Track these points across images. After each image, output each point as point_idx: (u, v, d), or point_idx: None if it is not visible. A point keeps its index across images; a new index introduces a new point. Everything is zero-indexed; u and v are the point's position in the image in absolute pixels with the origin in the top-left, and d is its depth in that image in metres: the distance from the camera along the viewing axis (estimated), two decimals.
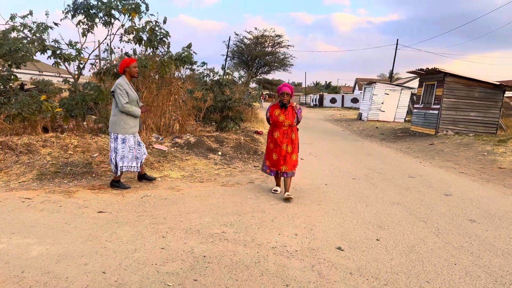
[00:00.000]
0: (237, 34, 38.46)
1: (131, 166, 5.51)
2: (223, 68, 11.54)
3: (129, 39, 7.66)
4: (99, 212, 4.47)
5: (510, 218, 4.97)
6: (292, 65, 39.01)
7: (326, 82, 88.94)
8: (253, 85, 46.79)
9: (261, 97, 42.74)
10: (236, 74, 13.92)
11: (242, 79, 16.26)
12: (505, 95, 14.08)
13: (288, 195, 5.30)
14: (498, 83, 13.68)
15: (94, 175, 6.02)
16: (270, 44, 38.68)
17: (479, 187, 6.77)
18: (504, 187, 6.83)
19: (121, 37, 7.69)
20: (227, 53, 38.96)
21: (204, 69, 12.11)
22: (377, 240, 4.00)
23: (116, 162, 5.36)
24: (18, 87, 14.79)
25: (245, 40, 38.36)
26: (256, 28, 53.33)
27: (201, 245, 3.63)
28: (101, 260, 3.22)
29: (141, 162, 5.67)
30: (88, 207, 4.61)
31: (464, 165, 9.08)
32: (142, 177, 5.94)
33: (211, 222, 4.28)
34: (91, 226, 4.01)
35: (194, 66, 12.83)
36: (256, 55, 37.55)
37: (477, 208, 5.38)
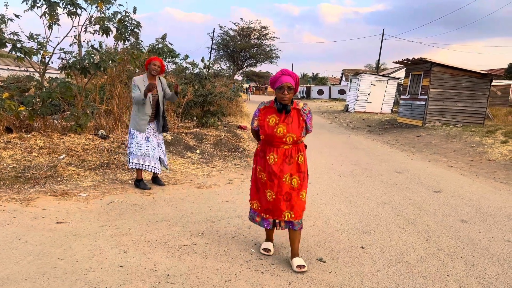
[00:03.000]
0: (221, 27, 37.77)
1: (147, 166, 5.30)
2: (202, 60, 11.06)
3: (94, 30, 7.14)
4: (57, 222, 4.03)
5: (503, 216, 4.67)
6: (279, 57, 38.48)
7: (313, 73, 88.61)
8: (240, 77, 46.31)
9: (249, 90, 42.25)
10: (216, 67, 13.40)
11: (224, 72, 15.74)
12: (491, 84, 13.87)
13: (300, 263, 3.14)
14: (485, 72, 13.46)
15: (59, 179, 5.56)
16: (256, 36, 38.07)
17: (469, 182, 6.48)
18: (494, 181, 6.56)
19: (85, 28, 7.16)
20: (211, 45, 38.30)
21: (186, 62, 11.65)
22: (362, 248, 3.65)
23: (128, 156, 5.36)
24: None
25: (230, 32, 37.68)
26: (242, 19, 52.61)
27: (166, 261, 3.23)
28: (47, 283, 2.80)
29: (161, 164, 5.50)
30: (46, 217, 4.17)
31: (452, 158, 8.81)
32: (155, 179, 5.70)
33: (180, 232, 3.88)
34: (44, 240, 3.58)
35: (177, 59, 12.33)
36: (241, 47, 36.91)
37: (468, 206, 5.08)
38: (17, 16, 6.65)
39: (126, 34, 7.40)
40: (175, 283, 2.87)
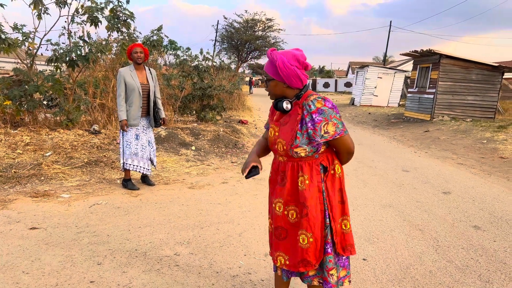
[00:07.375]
0: (226, 18, 37.29)
1: (135, 166, 4.96)
2: (201, 52, 10.68)
3: (82, 21, 6.76)
4: (31, 228, 3.71)
5: None
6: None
7: (319, 66, 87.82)
8: (242, 70, 45.74)
9: (251, 83, 41.65)
10: (217, 60, 13.00)
11: (225, 65, 15.34)
12: (503, 77, 13.33)
13: None
14: (496, 64, 12.93)
15: (42, 178, 5.24)
16: (261, 28, 37.49)
17: (480, 182, 6.07)
18: (508, 181, 6.14)
19: (72, 18, 6.78)
20: (215, 37, 37.80)
21: (185, 54, 11.28)
22: (364, 260, 3.28)
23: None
24: None
25: (235, 24, 37.16)
26: (246, 11, 51.92)
27: (143, 275, 2.89)
28: None
29: (150, 163, 5.18)
30: (20, 222, 3.85)
31: (462, 154, 8.38)
32: (144, 179, 5.34)
33: (164, 240, 3.53)
34: (13, 249, 3.25)
35: (178, 52, 11.95)
36: (246, 39, 36.39)
37: (480, 209, 4.68)
38: (1, 5, 6.30)
39: (119, 25, 7.02)
40: None
